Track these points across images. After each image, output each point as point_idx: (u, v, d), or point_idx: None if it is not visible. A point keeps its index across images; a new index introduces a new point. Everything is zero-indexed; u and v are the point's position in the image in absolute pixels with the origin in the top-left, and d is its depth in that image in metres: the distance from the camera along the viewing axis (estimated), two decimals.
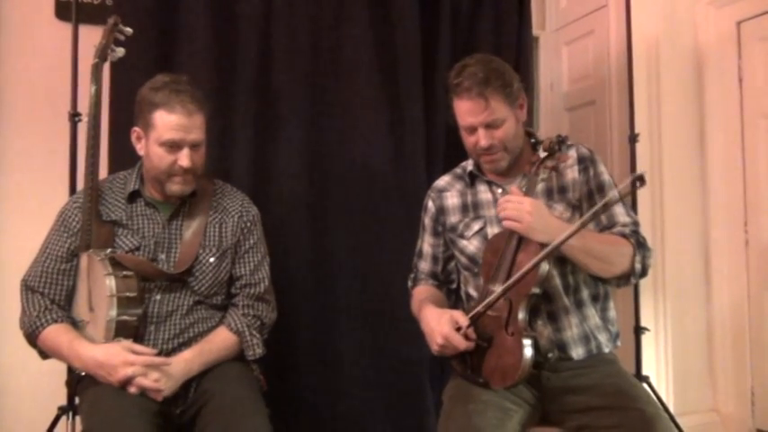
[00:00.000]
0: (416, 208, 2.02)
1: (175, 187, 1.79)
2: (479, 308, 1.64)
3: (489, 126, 1.73)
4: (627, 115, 2.61)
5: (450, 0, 2.61)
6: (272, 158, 2.37)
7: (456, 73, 1.76)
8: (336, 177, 2.43)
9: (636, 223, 1.74)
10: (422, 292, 1.91)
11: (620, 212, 1.75)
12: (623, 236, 1.68)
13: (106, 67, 1.90)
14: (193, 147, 1.77)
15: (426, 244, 1.96)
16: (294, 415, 2.25)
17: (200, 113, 1.78)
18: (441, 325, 1.63)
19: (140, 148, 1.81)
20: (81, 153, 1.98)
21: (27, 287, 1.77)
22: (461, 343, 1.60)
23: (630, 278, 1.69)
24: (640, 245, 1.67)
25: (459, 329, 1.61)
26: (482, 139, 1.73)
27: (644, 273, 1.69)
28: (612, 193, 1.71)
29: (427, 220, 1.96)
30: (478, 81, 1.70)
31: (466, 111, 1.74)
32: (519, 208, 1.59)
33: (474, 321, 1.63)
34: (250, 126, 2.35)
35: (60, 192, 2.06)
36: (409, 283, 2.01)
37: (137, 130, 1.81)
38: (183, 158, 1.75)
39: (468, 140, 1.79)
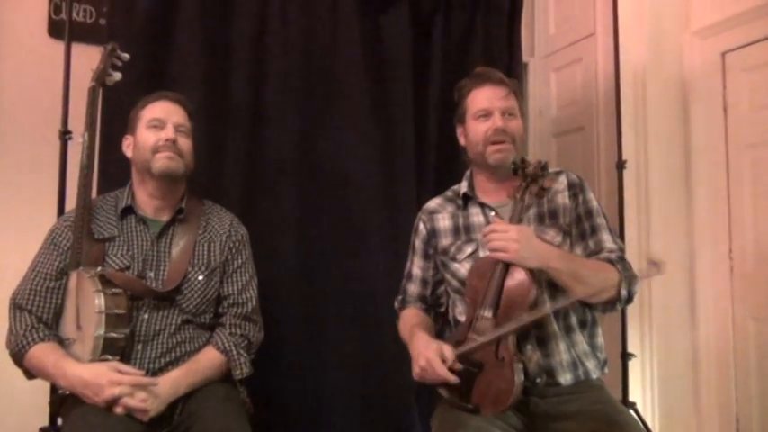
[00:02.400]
0: (406, 228, 2.02)
1: (160, 162, 1.82)
2: (468, 347, 1.62)
3: (506, 113, 1.79)
4: (614, 142, 2.65)
5: (441, 25, 2.66)
6: (263, 177, 2.38)
7: (476, 72, 1.89)
8: (327, 196, 2.44)
9: (622, 249, 1.77)
10: (412, 317, 1.90)
11: (606, 239, 1.77)
12: (609, 262, 1.70)
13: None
14: (178, 130, 1.86)
15: (416, 267, 1.96)
16: None
17: (184, 110, 1.92)
18: (427, 350, 1.62)
19: (129, 151, 1.89)
20: (70, 171, 1.99)
21: (15, 305, 1.76)
22: (442, 370, 1.58)
23: (616, 304, 1.71)
24: (626, 271, 1.69)
25: (444, 362, 1.60)
26: (498, 120, 1.77)
27: (629, 299, 1.71)
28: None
29: (418, 243, 1.95)
30: (501, 75, 1.85)
31: (485, 96, 1.81)
32: (504, 237, 1.61)
33: (461, 358, 1.61)
34: (241, 144, 2.36)
35: (48, 210, 2.05)
36: (396, 305, 2.00)
37: (127, 137, 1.91)
38: (167, 132, 1.84)
39: (480, 128, 1.80)
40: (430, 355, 1.60)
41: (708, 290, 2.88)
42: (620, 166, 2.59)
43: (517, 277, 1.62)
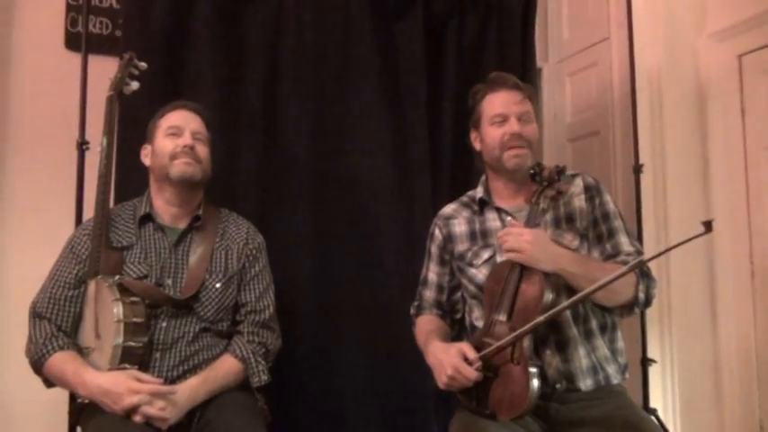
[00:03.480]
0: (422, 231, 2.02)
1: (178, 168, 1.84)
2: (484, 351, 1.60)
3: (521, 119, 1.79)
4: (631, 146, 2.63)
5: (455, 30, 2.65)
6: (278, 181, 2.38)
7: (491, 77, 1.89)
8: (342, 198, 2.44)
9: (640, 252, 1.75)
10: (427, 323, 1.89)
11: (624, 241, 1.76)
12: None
13: None
14: (195, 137, 1.88)
15: (432, 273, 1.95)
16: None
17: (201, 118, 1.95)
18: (449, 357, 1.61)
19: (147, 160, 1.91)
20: (88, 181, 2.00)
21: (35, 313, 1.77)
22: (472, 373, 1.57)
23: (634, 308, 1.69)
24: (644, 274, 1.67)
25: (467, 362, 1.59)
26: (515, 125, 1.77)
27: (648, 302, 1.69)
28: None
29: (434, 249, 1.94)
30: (516, 80, 1.85)
31: (501, 102, 1.82)
32: (519, 240, 1.60)
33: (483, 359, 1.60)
34: (256, 149, 2.37)
35: (66, 220, 2.07)
36: (412, 311, 1.99)
37: (145, 146, 1.93)
38: (185, 138, 1.86)
39: (496, 133, 1.80)
40: (455, 362, 1.59)
41: (728, 294, 2.84)
42: (637, 170, 2.57)
43: (532, 280, 1.61)
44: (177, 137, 1.87)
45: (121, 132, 2.18)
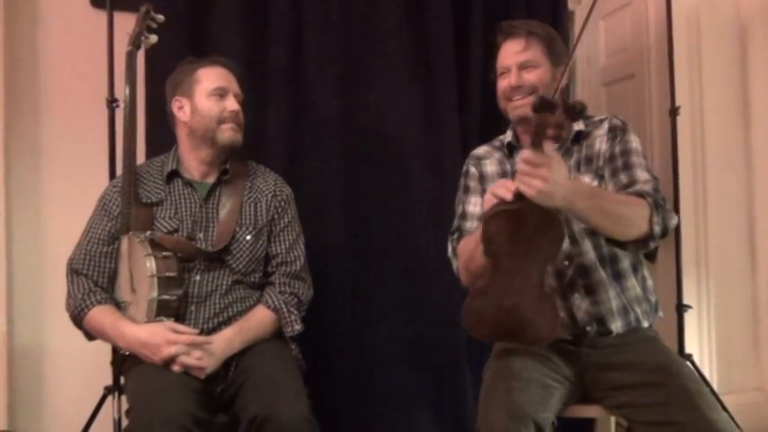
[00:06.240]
0: (453, 181, 2.00)
1: (227, 134, 1.87)
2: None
3: (523, 67, 1.77)
4: (667, 88, 2.54)
5: None
6: (305, 137, 2.38)
7: (499, 27, 1.86)
8: (370, 153, 2.43)
9: (656, 180, 1.65)
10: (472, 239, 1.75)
11: (639, 171, 1.67)
12: (640, 195, 1.58)
13: (141, 54, 1.96)
14: (237, 101, 1.89)
15: (471, 205, 1.87)
16: (332, 394, 2.27)
17: (238, 79, 1.95)
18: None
19: (183, 115, 1.89)
20: (119, 138, 2.02)
21: (72, 269, 1.82)
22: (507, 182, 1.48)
23: (649, 242, 1.56)
24: (658, 206, 1.56)
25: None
26: (513, 76, 1.77)
27: (664, 234, 1.57)
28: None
29: (472, 183, 1.89)
30: (518, 25, 1.81)
31: (504, 53, 1.82)
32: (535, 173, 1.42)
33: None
34: (283, 103, 2.36)
35: (100, 176, 2.10)
36: (451, 245, 1.88)
37: (178, 99, 1.90)
38: (232, 103, 1.88)
39: (501, 86, 1.82)
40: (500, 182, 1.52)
41: (767, 238, 2.78)
42: (674, 112, 2.49)
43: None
44: (222, 99, 1.87)
45: (149, 87, 2.21)
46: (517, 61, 1.77)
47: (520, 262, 1.49)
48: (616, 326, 1.69)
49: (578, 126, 1.79)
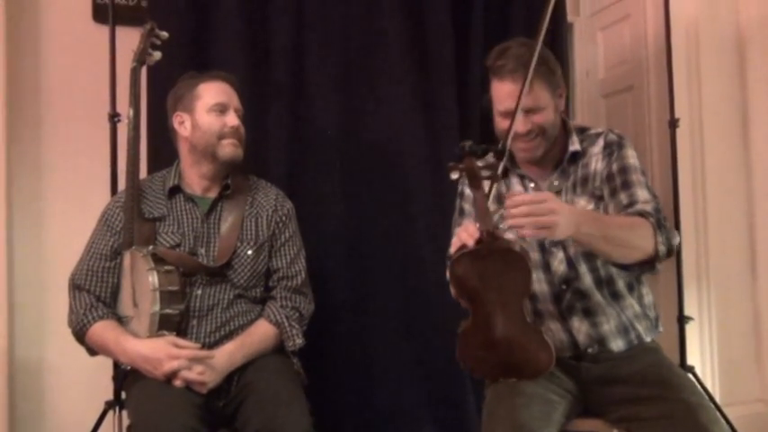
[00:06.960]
0: (452, 192, 1.99)
1: (227, 149, 1.87)
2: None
3: (529, 111, 1.66)
4: (666, 100, 2.55)
5: None
6: (306, 149, 2.38)
7: (498, 54, 1.70)
8: (371, 165, 2.44)
9: (656, 199, 1.63)
10: None
11: (640, 190, 1.64)
12: (641, 215, 1.57)
13: (143, 70, 1.95)
14: (238, 116, 1.89)
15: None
16: (334, 407, 2.26)
17: (238, 93, 1.95)
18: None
19: (185, 130, 1.89)
20: (121, 153, 2.03)
21: (74, 285, 1.82)
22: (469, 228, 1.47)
23: (655, 263, 1.55)
24: (661, 225, 1.55)
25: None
26: (521, 124, 1.65)
27: (669, 253, 1.56)
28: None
29: (466, 205, 1.87)
30: (524, 63, 1.62)
31: (506, 93, 1.67)
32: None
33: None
34: (282, 114, 2.37)
35: (101, 191, 2.11)
36: (448, 272, 1.92)
37: (179, 114, 1.90)
38: (232, 118, 1.88)
39: (503, 125, 1.69)
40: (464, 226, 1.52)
41: None
42: (673, 124, 2.50)
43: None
44: (222, 114, 1.87)
45: (151, 102, 2.22)
46: (522, 106, 1.62)
47: (496, 300, 1.48)
48: (617, 345, 1.69)
49: (574, 146, 1.74)
